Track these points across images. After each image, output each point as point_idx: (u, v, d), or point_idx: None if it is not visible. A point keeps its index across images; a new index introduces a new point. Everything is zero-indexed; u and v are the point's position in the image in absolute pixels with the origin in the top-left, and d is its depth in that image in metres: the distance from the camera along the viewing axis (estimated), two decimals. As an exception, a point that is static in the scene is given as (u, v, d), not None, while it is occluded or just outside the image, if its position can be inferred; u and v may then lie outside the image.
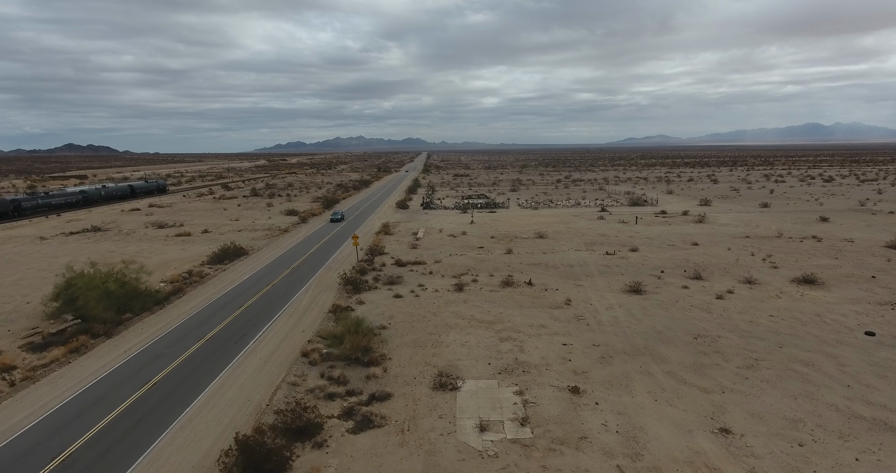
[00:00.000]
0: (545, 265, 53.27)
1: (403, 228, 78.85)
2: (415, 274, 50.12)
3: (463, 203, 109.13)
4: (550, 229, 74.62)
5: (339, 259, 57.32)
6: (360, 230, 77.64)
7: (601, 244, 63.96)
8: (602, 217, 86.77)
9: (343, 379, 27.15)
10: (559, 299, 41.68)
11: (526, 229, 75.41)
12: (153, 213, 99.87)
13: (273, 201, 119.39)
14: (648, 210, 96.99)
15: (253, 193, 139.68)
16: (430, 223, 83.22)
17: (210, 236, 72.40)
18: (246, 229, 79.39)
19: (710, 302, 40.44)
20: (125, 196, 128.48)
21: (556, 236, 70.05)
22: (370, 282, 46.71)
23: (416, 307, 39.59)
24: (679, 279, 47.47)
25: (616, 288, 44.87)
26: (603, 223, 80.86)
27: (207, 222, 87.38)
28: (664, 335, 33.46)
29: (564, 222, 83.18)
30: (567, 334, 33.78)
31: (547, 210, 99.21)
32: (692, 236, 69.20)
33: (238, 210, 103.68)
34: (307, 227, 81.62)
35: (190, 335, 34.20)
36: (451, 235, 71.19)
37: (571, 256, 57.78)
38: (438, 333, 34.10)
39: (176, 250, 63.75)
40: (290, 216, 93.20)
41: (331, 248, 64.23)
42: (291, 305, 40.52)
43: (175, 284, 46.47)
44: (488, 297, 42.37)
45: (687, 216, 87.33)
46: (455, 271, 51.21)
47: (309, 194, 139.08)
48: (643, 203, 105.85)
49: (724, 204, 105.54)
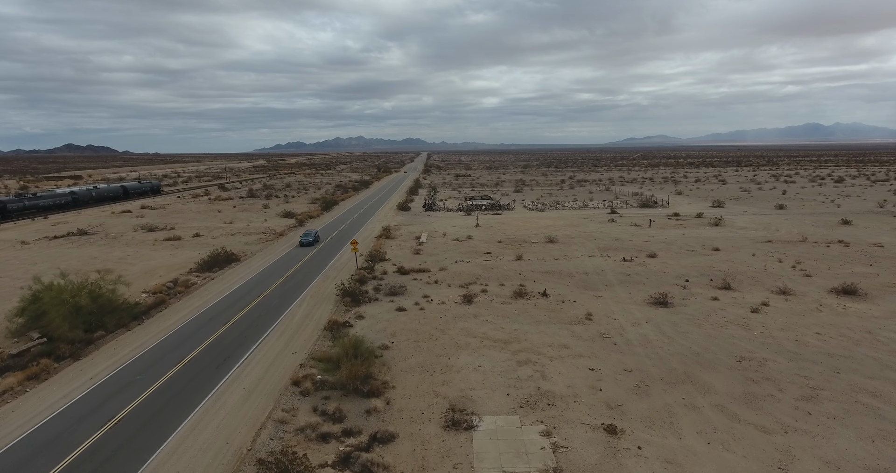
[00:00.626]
0: (559, 273, 49.39)
1: (405, 231, 74.99)
2: (419, 283, 46.26)
3: (466, 205, 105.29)
4: (560, 233, 70.76)
5: (337, 266, 53.44)
6: (360, 234, 73.76)
7: (616, 250, 60.09)
8: (613, 220, 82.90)
9: (339, 415, 23.28)
10: (579, 312, 37.81)
11: (534, 233, 71.54)
12: (144, 215, 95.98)
13: (270, 203, 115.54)
14: (660, 212, 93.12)
15: (250, 194, 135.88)
16: (434, 226, 79.36)
17: (201, 241, 68.52)
18: (240, 232, 75.51)
19: (746, 317, 36.57)
20: (117, 197, 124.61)
21: (568, 240, 66.17)
22: (370, 293, 42.85)
23: (422, 323, 35.72)
24: (706, 290, 43.60)
25: (639, 300, 41.00)
26: (615, 226, 76.98)
27: (200, 224, 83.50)
28: (703, 357, 29.57)
29: (574, 224, 79.31)
30: (593, 355, 29.89)
31: (554, 212, 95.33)
32: (711, 240, 65.33)
33: (233, 212, 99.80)
34: (303, 231, 77.72)
35: (167, 357, 30.31)
36: (455, 239, 67.32)
37: (586, 262, 53.91)
38: (448, 354, 30.22)
39: (163, 255, 59.86)
40: (287, 219, 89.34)
41: (329, 253, 60.36)
42: (283, 320, 36.63)
43: (158, 295, 42.60)
44: (500, 310, 38.50)
45: (702, 219, 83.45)
46: (462, 279, 47.34)
47: (307, 195, 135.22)
48: (653, 205, 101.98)
49: (738, 206, 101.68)
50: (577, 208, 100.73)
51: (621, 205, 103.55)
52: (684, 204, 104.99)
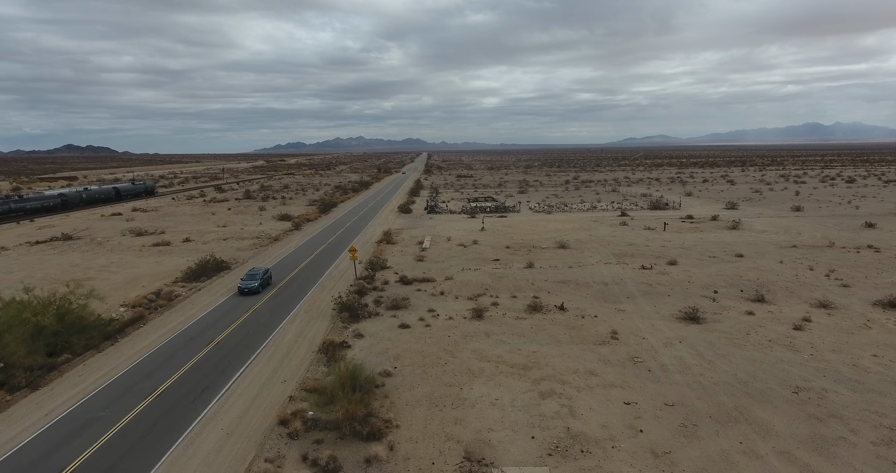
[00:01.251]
0: (575, 283, 45.57)
1: (407, 236, 71.16)
2: (423, 295, 42.44)
3: (470, 207, 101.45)
4: (571, 238, 66.93)
5: (334, 275, 49.61)
6: (359, 239, 69.93)
7: (633, 256, 56.27)
8: (625, 223, 79.06)
9: (334, 466, 19.46)
10: (602, 330, 34.00)
11: (544, 238, 67.72)
12: (135, 218, 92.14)
13: (266, 205, 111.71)
14: (672, 215, 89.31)
15: (246, 195, 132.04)
16: (437, 230, 75.54)
17: (191, 246, 64.67)
18: (233, 236, 71.67)
19: (790, 335, 32.76)
20: (109, 199, 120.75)
21: (580, 245, 62.36)
22: (370, 306, 39.04)
23: (428, 343, 31.91)
24: (738, 302, 39.81)
25: (667, 314, 37.20)
26: (627, 230, 73.16)
27: (192, 228, 79.69)
28: (753, 387, 25.75)
29: (584, 228, 75.48)
30: (626, 385, 26.07)
31: (562, 215, 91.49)
32: (732, 245, 61.51)
33: (227, 215, 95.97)
34: (300, 235, 73.92)
35: (138, 387, 26.48)
36: (460, 244, 63.50)
37: (602, 271, 50.09)
38: (459, 383, 26.40)
39: (149, 263, 56.04)
40: (283, 222, 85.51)
41: (326, 261, 56.54)
42: (273, 340, 32.79)
43: (137, 309, 38.78)
44: (515, 327, 34.69)
45: (717, 222, 79.61)
46: (470, 290, 43.53)
47: (305, 197, 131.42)
48: (664, 207, 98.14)
49: (752, 207, 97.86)
50: (585, 210, 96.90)
51: (631, 207, 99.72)
52: (696, 206, 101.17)
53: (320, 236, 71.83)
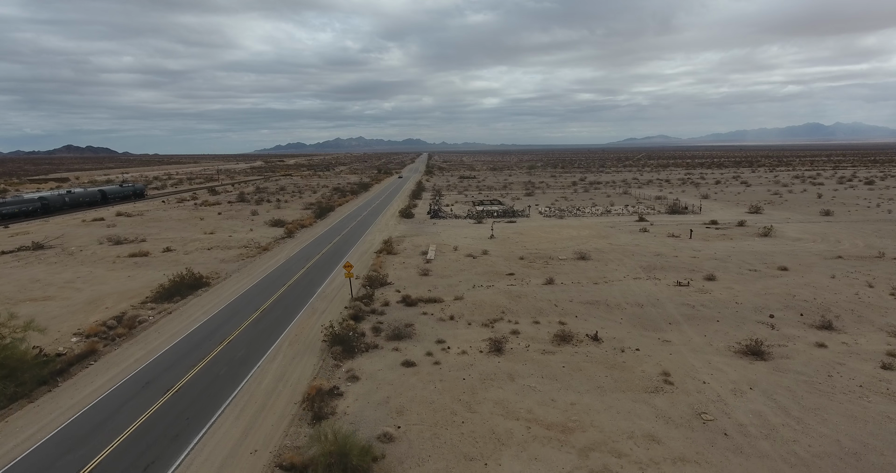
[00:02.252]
0: (605, 305, 39.43)
1: (409, 244, 64.99)
2: (430, 319, 36.33)
3: (476, 211, 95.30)
4: (590, 247, 60.79)
5: (327, 294, 43.45)
6: (358, 249, 63.75)
7: (663, 269, 50.15)
8: (645, 230, 72.89)
9: None
10: (650, 370, 27.89)
11: (560, 247, 61.57)
12: (117, 223, 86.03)
13: (259, 209, 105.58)
14: (693, 220, 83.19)
15: (240, 198, 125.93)
16: (442, 238, 69.38)
17: (171, 258, 58.55)
18: (218, 245, 65.51)
19: (883, 378, 26.62)
20: (95, 203, 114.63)
21: (601, 256, 56.21)
22: (368, 336, 32.96)
23: (439, 389, 25.80)
24: (802, 330, 33.70)
25: (721, 347, 31.09)
26: (650, 238, 66.99)
27: (176, 236, 73.56)
28: (869, 461, 19.63)
29: (602, 235, 69.33)
30: (703, 459, 19.93)
31: (575, 220, 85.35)
32: (770, 255, 55.39)
33: (217, 220, 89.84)
34: (293, 243, 67.77)
35: (62, 462, 20.34)
36: (469, 255, 57.35)
37: (633, 288, 43.96)
38: (483, 454, 20.28)
39: (121, 277, 49.93)
40: (275, 228, 79.40)
41: (318, 276, 50.40)
42: (246, 387, 26.61)
43: (91, 340, 32.69)
44: (543, 366, 28.58)
45: (745, 228, 73.49)
46: (485, 314, 37.42)
47: (301, 200, 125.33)
48: (683, 211, 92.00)
49: (777, 211, 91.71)
50: (599, 215, 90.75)
51: (647, 211, 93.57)
52: (717, 210, 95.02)
53: (314, 246, 65.64)
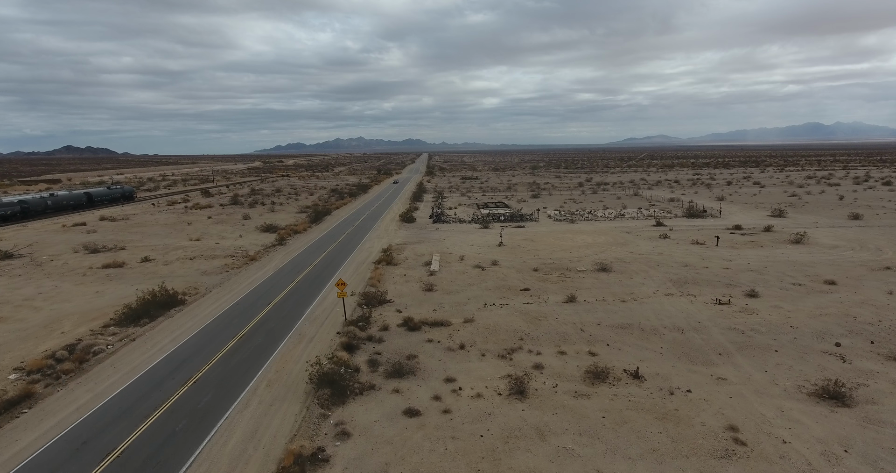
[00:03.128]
0: (639, 329, 34.00)
1: (411, 253, 59.54)
2: (436, 349, 30.94)
3: (481, 215, 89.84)
4: (609, 256, 55.37)
5: (317, 316, 38.00)
6: (354, 258, 58.28)
7: (696, 283, 44.72)
8: (666, 236, 67.38)
9: None
10: (711, 421, 22.47)
11: (576, 256, 56.13)
12: (98, 229, 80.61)
13: (252, 212, 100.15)
14: (714, 224, 77.78)
15: (233, 200, 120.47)
16: (446, 245, 63.93)
17: (148, 269, 53.15)
18: (202, 254, 60.08)
19: None
20: (80, 206, 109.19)
21: (624, 267, 50.77)
22: (363, 372, 27.60)
23: (451, 453, 20.37)
24: (879, 363, 28.29)
25: (789, 386, 25.68)
26: (673, 246, 61.53)
27: (159, 242, 68.15)
28: None
29: (620, 242, 63.88)
30: None
31: (587, 224, 79.89)
32: (810, 266, 49.96)
33: (205, 225, 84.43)
34: (284, 252, 62.30)
35: None
36: (477, 266, 51.89)
37: (667, 306, 38.53)
38: None
39: (88, 293, 44.52)
40: (267, 234, 73.99)
41: (310, 291, 44.97)
42: (207, 451, 21.12)
43: (32, 378, 27.32)
44: (578, 414, 23.16)
45: (774, 234, 68.02)
46: (500, 341, 32.02)
47: (297, 202, 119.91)
48: (702, 214, 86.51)
49: (801, 215, 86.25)
50: (612, 219, 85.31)
51: (663, 214, 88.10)
52: (736, 213, 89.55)
53: (307, 255, 60.17)
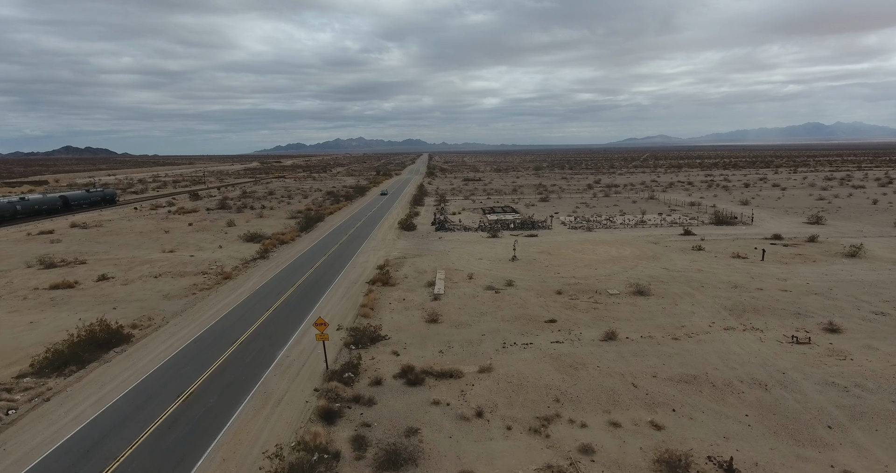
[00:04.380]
0: (708, 384, 26.12)
1: (411, 269, 51.69)
2: (445, 418, 23.12)
3: (489, 222, 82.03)
4: (642, 273, 47.58)
5: (291, 362, 30.11)
6: (346, 277, 50.35)
7: (756, 312, 36.90)
8: (700, 248, 59.46)
9: None
10: None
11: (603, 273, 48.30)
12: (65, 238, 72.83)
13: (238, 218, 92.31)
14: (746, 233, 70.02)
15: (221, 204, 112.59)
16: (451, 259, 56.11)
17: (102, 290, 45.33)
18: (171, 271, 52.24)
19: None
20: (54, 210, 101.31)
21: (662, 288, 42.93)
22: (345, 459, 19.80)
23: None
24: None
25: (953, 490, 17.85)
26: (711, 260, 53.68)
27: (127, 255, 60.36)
28: None
29: (650, 255, 56.05)
30: None
31: (607, 233, 72.04)
32: (884, 288, 42.09)
33: (184, 233, 76.65)
34: (265, 267, 54.45)
35: None
36: (489, 287, 44.03)
37: (732, 346, 30.72)
38: None
39: (19, 324, 36.70)
40: (250, 244, 66.20)
41: (287, 324, 37.11)
42: None
43: None
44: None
45: (821, 245, 60.20)
46: (529, 404, 24.21)
47: (290, 206, 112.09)
48: (732, 221, 78.61)
49: (839, 222, 78.41)
50: (633, 226, 77.47)
51: (689, 221, 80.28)
52: (768, 219, 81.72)
53: (291, 272, 52.31)
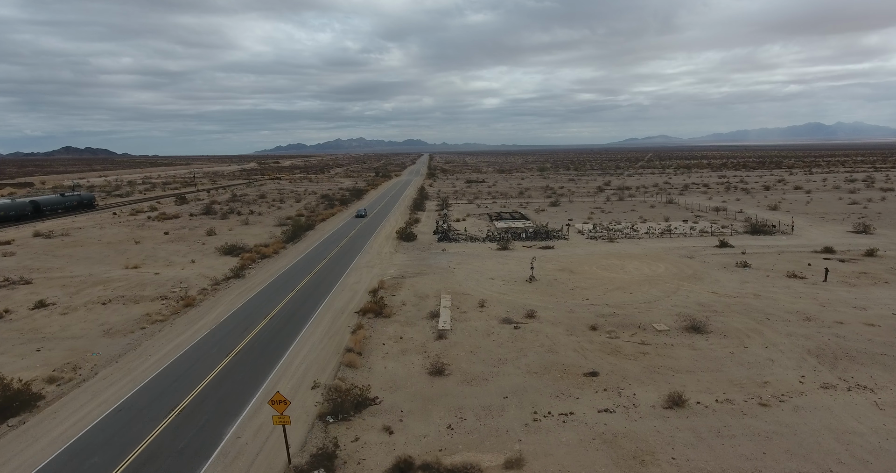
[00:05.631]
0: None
1: (410, 294, 43.45)
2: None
3: (498, 230, 73.86)
4: (689, 300, 39.39)
5: (243, 448, 21.95)
6: (331, 304, 42.04)
7: (851, 359, 28.71)
8: (745, 264, 51.15)
9: None
10: None
11: (641, 298, 40.07)
12: (21, 250, 64.72)
13: (222, 225, 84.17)
14: (789, 244, 61.90)
15: (207, 209, 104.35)
16: (458, 278, 47.89)
17: (34, 322, 37.16)
18: (126, 295, 44.05)
19: None
20: (23, 216, 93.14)
21: (719, 321, 34.72)
22: None
23: None
24: None
25: None
26: (763, 280, 45.41)
27: (83, 272, 52.25)
28: None
29: (690, 274, 47.84)
30: None
31: (632, 244, 63.84)
32: None
33: (158, 243, 68.56)
34: (237, 290, 46.22)
35: None
36: (506, 319, 35.80)
37: (847, 420, 22.55)
38: None
39: None
40: (227, 257, 58.12)
41: (251, 375, 28.87)
42: None
43: None
44: None
45: (884, 260, 52.04)
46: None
47: (280, 211, 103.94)
48: (770, 230, 70.26)
49: (888, 230, 70.20)
50: (659, 235, 69.28)
51: (720, 230, 72.07)
52: (807, 228, 73.51)
53: (266, 296, 44.01)
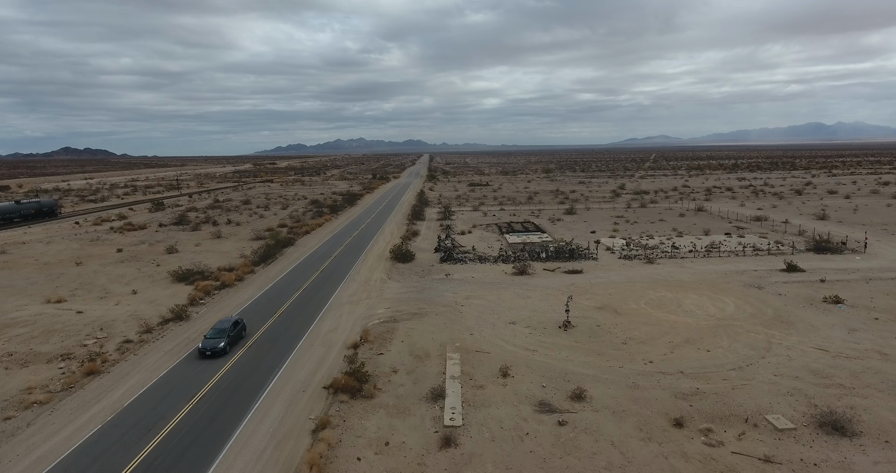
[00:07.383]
0: None
1: (404, 350, 31.87)
2: None
3: (512, 248, 62.40)
4: (795, 364, 28.01)
5: None
6: (294, 370, 30.46)
7: None
8: (837, 300, 39.69)
9: None
10: None
11: (727, 362, 28.63)
12: (-66, 275, 53.34)
13: (190, 239, 72.76)
14: (872, 266, 50.64)
15: (180, 218, 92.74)
16: (467, 321, 36.40)
17: None
18: (18, 350, 32.52)
19: None
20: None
21: (860, 407, 23.34)
22: None
23: None
24: None
25: None
26: (877, 327, 34.01)
27: (-12, 309, 40.81)
28: None
29: (772, 316, 36.36)
30: None
31: (675, 266, 52.34)
32: None
33: (106, 263, 57.18)
34: (172, 340, 34.60)
35: None
36: (543, 404, 24.31)
37: None
38: None
39: None
40: (179, 286, 46.72)
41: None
42: None
43: None
44: None
45: None
46: None
47: (261, 220, 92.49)
48: (839, 249, 58.69)
49: (979, 248, 58.77)
50: (705, 254, 57.83)
51: (779, 248, 60.56)
52: (877, 244, 62.04)
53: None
